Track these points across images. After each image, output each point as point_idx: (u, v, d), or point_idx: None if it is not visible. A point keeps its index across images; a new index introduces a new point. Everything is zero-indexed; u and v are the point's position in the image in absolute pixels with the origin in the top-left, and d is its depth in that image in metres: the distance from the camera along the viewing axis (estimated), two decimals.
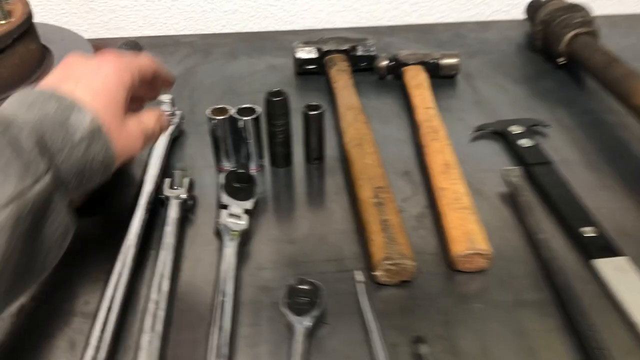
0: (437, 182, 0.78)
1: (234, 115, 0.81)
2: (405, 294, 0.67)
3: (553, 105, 1.03)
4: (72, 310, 0.65)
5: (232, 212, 0.74)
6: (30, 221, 0.39)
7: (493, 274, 0.70)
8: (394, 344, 0.62)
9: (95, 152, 0.46)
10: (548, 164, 0.85)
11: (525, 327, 0.63)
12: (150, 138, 0.59)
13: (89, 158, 0.46)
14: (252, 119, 0.81)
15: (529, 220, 0.75)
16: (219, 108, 0.82)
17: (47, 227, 0.42)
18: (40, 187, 0.39)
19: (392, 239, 0.68)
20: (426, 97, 0.96)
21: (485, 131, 0.94)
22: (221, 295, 0.64)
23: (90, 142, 0.46)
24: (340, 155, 0.90)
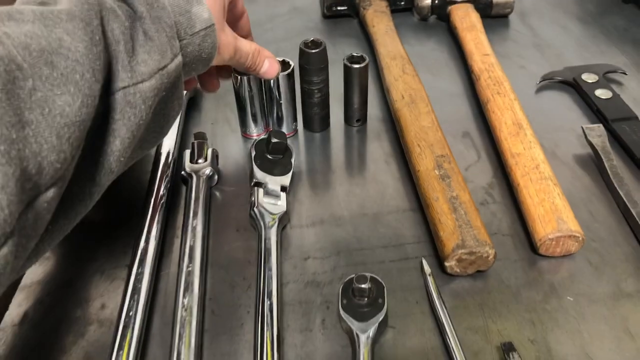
0: (509, 146, 0.66)
1: None
2: (482, 287, 0.56)
3: (625, 47, 0.89)
4: (86, 317, 0.55)
5: (269, 190, 0.62)
6: (165, 94, 0.43)
7: (584, 258, 0.58)
8: (476, 352, 0.51)
9: (206, 45, 0.49)
10: (633, 120, 0.72)
11: (632, 326, 0.52)
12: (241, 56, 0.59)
13: (201, 48, 0.49)
14: (285, 74, 0.68)
15: (620, 190, 0.63)
16: None
17: (173, 101, 0.46)
18: (175, 65, 0.44)
19: (464, 221, 0.56)
20: (482, 42, 0.82)
21: (552, 81, 0.81)
22: (265, 295, 0.53)
23: (205, 35, 0.49)
24: (387, 116, 0.77)
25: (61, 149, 0.32)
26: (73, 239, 0.61)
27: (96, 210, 0.65)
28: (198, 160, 0.66)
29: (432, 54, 0.89)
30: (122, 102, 0.38)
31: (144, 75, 0.40)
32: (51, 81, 0.32)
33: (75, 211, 0.38)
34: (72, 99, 0.33)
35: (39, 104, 0.31)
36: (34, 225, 0.31)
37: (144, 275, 0.55)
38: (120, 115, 0.38)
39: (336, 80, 0.74)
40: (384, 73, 0.78)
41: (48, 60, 0.33)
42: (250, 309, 0.55)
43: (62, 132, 0.32)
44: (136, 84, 0.39)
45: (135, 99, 0.39)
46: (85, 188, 0.38)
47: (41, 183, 0.31)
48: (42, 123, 0.31)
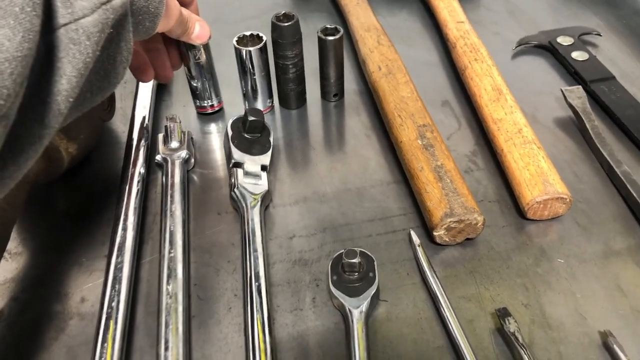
0: (490, 111, 0.65)
1: (235, 45, 0.66)
2: (472, 254, 0.55)
3: (598, 9, 0.88)
4: (66, 311, 0.52)
5: (249, 170, 0.60)
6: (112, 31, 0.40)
7: (571, 220, 0.58)
8: (470, 320, 0.50)
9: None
10: (611, 80, 0.72)
11: (623, 283, 0.52)
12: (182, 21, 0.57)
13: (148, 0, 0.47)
14: (257, 48, 0.65)
15: (603, 151, 0.63)
16: None
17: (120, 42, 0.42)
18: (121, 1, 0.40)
19: (451, 189, 0.55)
20: (455, 10, 0.81)
21: (528, 45, 0.80)
22: (253, 277, 0.51)
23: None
24: (364, 89, 0.75)
25: (3, 84, 0.30)
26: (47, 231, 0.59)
27: (70, 200, 0.62)
28: (172, 143, 0.64)
29: (405, 25, 0.88)
30: (65, 39, 0.36)
31: (85, 9, 0.38)
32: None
33: (26, 156, 0.36)
34: (12, 33, 0.31)
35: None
36: None
37: (124, 264, 0.53)
38: (64, 53, 0.36)
39: (310, 56, 0.72)
40: (359, 45, 0.76)
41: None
42: (237, 292, 0.53)
43: (2, 66, 0.30)
44: (77, 20, 0.37)
45: (78, 35, 0.37)
46: (34, 130, 0.36)
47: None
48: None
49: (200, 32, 0.60)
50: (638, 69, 0.76)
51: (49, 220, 0.60)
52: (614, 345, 0.46)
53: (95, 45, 0.38)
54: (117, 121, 0.72)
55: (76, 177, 0.64)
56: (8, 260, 0.56)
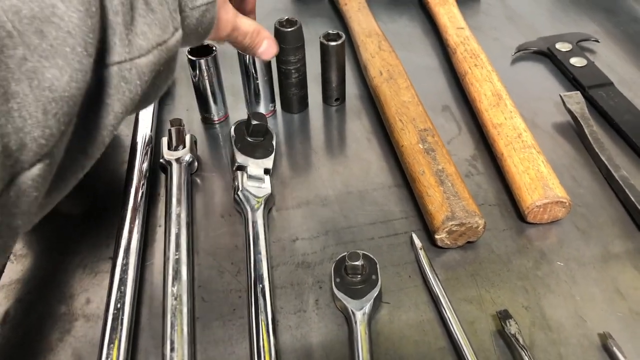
0: (490, 116, 0.66)
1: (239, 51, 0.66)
2: (473, 257, 0.56)
3: (596, 16, 0.89)
4: (71, 312, 0.53)
5: (252, 173, 0.61)
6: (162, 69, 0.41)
7: (571, 223, 0.59)
8: (471, 322, 0.51)
9: (205, 20, 0.47)
10: (608, 86, 0.73)
11: (621, 286, 0.53)
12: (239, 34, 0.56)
13: (199, 23, 0.47)
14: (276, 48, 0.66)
15: (601, 155, 0.63)
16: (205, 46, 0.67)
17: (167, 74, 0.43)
18: (176, 39, 0.41)
19: (452, 193, 0.56)
20: (455, 16, 0.82)
21: (527, 51, 0.81)
22: (257, 280, 0.52)
23: (206, 10, 0.47)
24: (365, 94, 0.76)
25: (46, 124, 0.30)
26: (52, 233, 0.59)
27: (75, 202, 0.63)
28: (176, 147, 0.64)
29: (406, 30, 0.89)
30: (117, 77, 0.36)
31: (142, 50, 0.37)
32: (39, 52, 0.30)
33: (68, 183, 0.36)
34: (60, 73, 0.30)
35: (28, 76, 0.29)
36: (17, 202, 0.29)
37: (129, 266, 0.53)
38: (115, 91, 0.36)
39: (312, 61, 0.73)
40: (360, 51, 0.77)
41: (38, 29, 0.30)
42: (241, 293, 0.53)
43: (48, 107, 0.30)
44: (133, 59, 0.36)
45: (131, 74, 0.36)
46: (78, 161, 0.36)
47: (23, 160, 0.29)
48: (29, 96, 0.29)
49: (267, 49, 0.60)
50: (636, 74, 0.77)
51: (54, 222, 0.61)
52: (613, 347, 0.47)
53: (145, 84, 0.38)
54: (122, 125, 0.72)
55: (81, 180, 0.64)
56: (13, 262, 0.57)
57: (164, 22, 0.39)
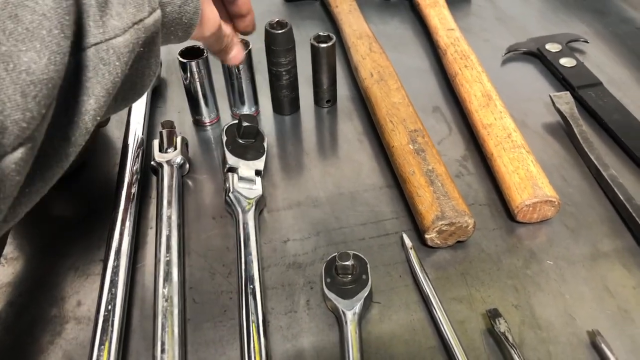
0: (480, 117, 0.66)
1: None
2: (463, 257, 0.56)
3: (585, 16, 0.90)
4: (62, 315, 0.53)
5: (243, 175, 0.61)
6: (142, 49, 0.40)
7: (560, 222, 0.59)
8: (461, 321, 0.51)
9: (187, 9, 0.47)
10: (598, 86, 0.74)
11: (610, 284, 0.53)
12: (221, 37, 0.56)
13: (181, 11, 0.46)
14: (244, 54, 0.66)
15: (591, 155, 0.64)
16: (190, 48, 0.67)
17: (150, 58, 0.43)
18: (154, 19, 0.41)
19: (442, 193, 0.56)
20: (446, 17, 0.83)
21: (517, 52, 0.82)
22: (247, 281, 0.52)
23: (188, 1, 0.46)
24: (356, 95, 0.76)
25: (26, 107, 0.30)
26: (43, 236, 0.59)
27: (65, 205, 0.63)
28: (167, 149, 0.64)
29: (397, 32, 0.89)
30: (95, 59, 0.36)
31: (117, 30, 0.37)
32: (15, 36, 0.30)
33: (52, 172, 0.36)
34: (38, 56, 0.31)
35: (3, 59, 0.29)
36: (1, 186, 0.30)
37: (120, 268, 0.53)
38: (94, 73, 0.36)
39: (302, 63, 0.73)
40: (351, 52, 0.77)
41: (12, 13, 0.30)
42: (232, 295, 0.54)
43: (27, 89, 0.30)
44: (109, 40, 0.36)
45: (108, 55, 0.36)
46: (61, 149, 0.36)
47: (5, 143, 0.29)
48: (5, 79, 0.29)
49: (236, 53, 0.60)
50: (624, 75, 0.78)
51: (45, 224, 0.61)
52: (602, 345, 0.47)
53: (125, 65, 0.38)
54: (113, 127, 0.73)
55: (72, 182, 0.65)
56: (4, 265, 0.57)
57: (139, 1, 0.39)
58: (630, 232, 0.58)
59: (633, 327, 0.50)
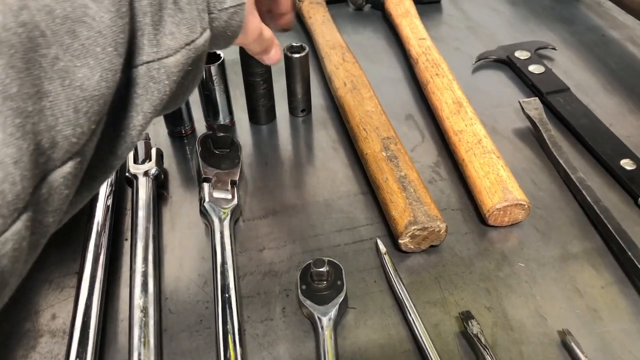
0: (451, 124, 0.67)
1: None
2: (437, 261, 0.57)
3: (553, 25, 0.92)
4: (37, 329, 0.52)
5: (218, 185, 0.61)
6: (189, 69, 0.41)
7: (531, 225, 0.60)
8: (435, 324, 0.52)
9: (233, 22, 0.47)
10: (565, 92, 0.76)
11: (579, 285, 0.54)
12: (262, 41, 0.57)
13: (227, 25, 0.46)
14: (217, 65, 0.67)
15: (559, 159, 0.65)
16: None
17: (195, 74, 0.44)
18: (204, 39, 0.41)
19: (415, 198, 0.57)
20: (417, 27, 0.84)
21: (487, 60, 0.83)
22: (223, 290, 0.52)
23: (234, 13, 0.46)
24: (331, 104, 0.77)
25: (77, 122, 0.30)
26: None
27: None
28: (143, 161, 0.64)
29: (370, 42, 0.90)
30: (146, 76, 0.36)
31: (170, 49, 0.38)
32: (72, 52, 0.30)
33: (97, 182, 0.36)
34: (91, 72, 0.31)
35: (60, 75, 0.30)
36: (49, 199, 0.30)
37: (96, 280, 0.53)
38: (144, 91, 0.36)
39: (278, 73, 0.74)
40: (325, 62, 0.78)
41: (71, 29, 0.31)
42: (208, 304, 0.54)
43: (79, 105, 0.30)
44: (161, 59, 0.37)
45: (159, 74, 0.37)
46: (108, 161, 0.36)
47: (55, 157, 0.29)
48: (60, 95, 0.29)
49: (274, 54, 0.60)
50: (591, 80, 0.80)
51: None
52: (571, 344, 0.48)
53: (174, 84, 0.39)
54: None
55: None
56: None
57: (192, 22, 0.40)
58: (598, 233, 0.59)
59: (601, 326, 0.51)
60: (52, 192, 0.30)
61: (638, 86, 0.78)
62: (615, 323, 0.51)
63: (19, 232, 0.27)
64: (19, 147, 0.27)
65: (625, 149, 0.66)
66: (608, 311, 0.52)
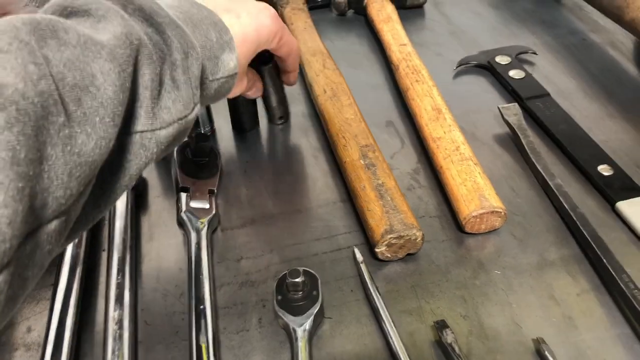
0: (430, 131, 0.67)
1: None
2: (413, 269, 0.57)
3: (535, 29, 0.93)
4: (11, 342, 0.52)
5: (196, 194, 0.61)
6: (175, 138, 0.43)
7: (508, 232, 0.61)
8: (411, 333, 0.52)
9: (222, 90, 0.50)
10: (545, 97, 0.76)
11: (556, 292, 0.55)
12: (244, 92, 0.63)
13: (216, 92, 0.49)
14: None
15: (537, 165, 0.66)
16: None
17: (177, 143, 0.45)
18: (194, 114, 0.44)
19: (391, 207, 0.57)
20: (399, 33, 0.84)
21: (468, 65, 0.84)
22: (198, 301, 0.52)
23: (225, 82, 0.49)
24: (312, 111, 0.77)
25: (68, 186, 0.31)
26: None
27: None
28: None
29: (352, 48, 0.90)
30: (138, 144, 0.39)
31: (163, 123, 0.40)
32: (74, 118, 0.32)
33: (76, 233, 0.38)
34: (87, 139, 0.32)
35: (64, 141, 0.31)
36: (31, 255, 0.30)
37: (71, 292, 0.53)
38: (134, 156, 0.39)
39: None
40: (305, 69, 0.78)
41: (77, 97, 0.32)
42: (184, 316, 0.54)
43: (74, 170, 0.32)
44: (154, 130, 0.39)
45: (150, 143, 0.39)
46: (90, 215, 0.38)
47: (43, 216, 0.30)
48: (60, 160, 0.31)
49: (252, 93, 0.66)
50: (571, 85, 0.80)
51: None
52: (546, 352, 0.48)
53: (161, 152, 0.41)
54: None
55: None
56: None
57: (187, 99, 0.42)
58: (575, 240, 0.59)
59: (576, 334, 0.51)
60: (35, 248, 0.31)
61: (618, 91, 0.78)
62: (590, 331, 0.51)
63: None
64: (15, 209, 0.28)
65: (603, 155, 0.67)
66: (583, 319, 0.52)
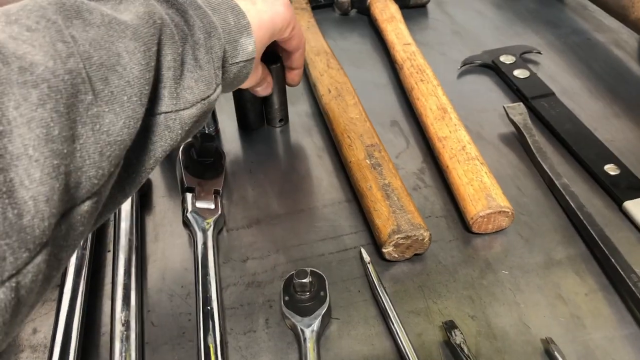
0: (435, 130, 0.67)
1: None
2: (420, 269, 0.57)
3: (539, 28, 0.92)
4: (17, 343, 0.52)
5: (201, 195, 0.61)
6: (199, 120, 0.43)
7: (515, 232, 0.60)
8: (419, 333, 0.52)
9: (241, 75, 0.50)
10: (550, 96, 0.76)
11: (563, 292, 0.54)
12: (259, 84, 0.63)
13: (235, 77, 0.50)
14: None
15: (544, 164, 0.65)
16: None
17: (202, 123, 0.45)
18: (217, 94, 0.44)
19: (398, 206, 0.57)
20: (402, 32, 0.84)
21: (473, 65, 0.83)
22: (205, 302, 0.52)
23: (244, 67, 0.49)
24: (316, 111, 0.77)
25: (100, 165, 0.32)
26: None
27: None
28: None
29: (356, 47, 0.90)
30: (162, 125, 0.39)
31: (187, 103, 0.40)
32: (102, 97, 0.32)
33: (103, 217, 0.38)
34: (116, 119, 0.33)
35: (92, 120, 0.32)
36: (66, 235, 0.31)
37: (77, 293, 0.53)
38: (158, 138, 0.39)
39: None
40: (309, 69, 0.78)
41: (104, 76, 0.33)
42: (191, 316, 0.53)
43: (104, 149, 0.32)
44: (178, 111, 0.40)
45: (174, 124, 0.40)
46: (116, 199, 0.38)
47: (77, 196, 0.31)
48: (90, 139, 0.31)
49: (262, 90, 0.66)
50: (576, 85, 0.80)
51: None
52: (555, 352, 0.48)
53: (185, 133, 0.42)
54: None
55: None
56: None
57: (209, 79, 0.42)
58: (582, 240, 0.59)
59: (585, 333, 0.51)
60: (69, 229, 0.31)
61: (623, 90, 0.78)
62: (598, 330, 0.51)
63: (38, 265, 0.29)
64: (52, 186, 0.28)
65: (609, 154, 0.66)
66: (592, 318, 0.52)
